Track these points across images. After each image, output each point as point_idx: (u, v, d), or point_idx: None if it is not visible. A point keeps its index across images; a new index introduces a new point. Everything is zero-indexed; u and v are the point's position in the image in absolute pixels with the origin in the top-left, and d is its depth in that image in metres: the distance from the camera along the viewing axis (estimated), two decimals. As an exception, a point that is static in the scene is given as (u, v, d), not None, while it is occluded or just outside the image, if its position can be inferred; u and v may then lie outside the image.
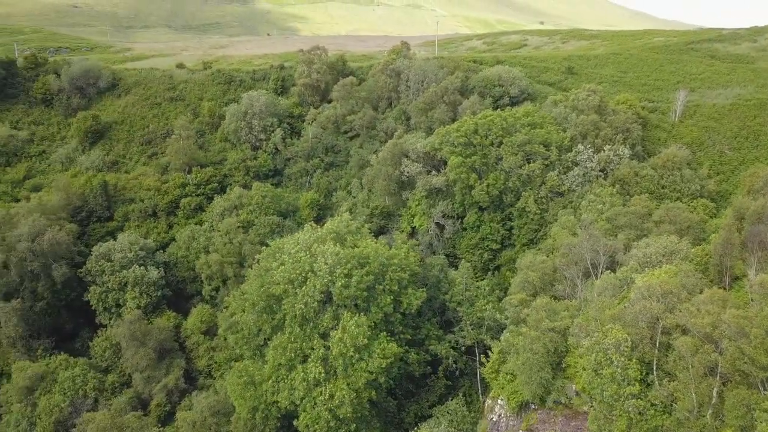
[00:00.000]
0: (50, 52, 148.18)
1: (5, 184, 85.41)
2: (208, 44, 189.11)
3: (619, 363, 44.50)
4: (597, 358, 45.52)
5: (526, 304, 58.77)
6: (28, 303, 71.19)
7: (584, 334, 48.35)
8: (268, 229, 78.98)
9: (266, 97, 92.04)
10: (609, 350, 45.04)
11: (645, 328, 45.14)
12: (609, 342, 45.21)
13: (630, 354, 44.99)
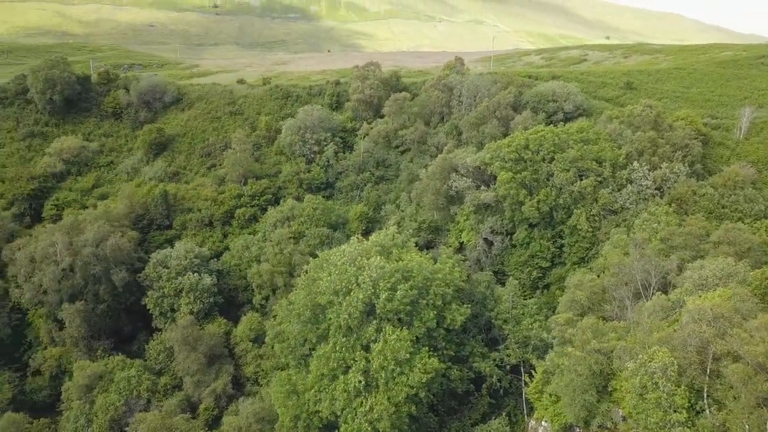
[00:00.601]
0: (124, 68, 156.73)
1: (76, 192, 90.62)
2: (271, 60, 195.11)
3: (665, 388, 42.74)
4: (642, 382, 43.88)
5: (573, 324, 57.35)
6: (90, 305, 74.91)
7: (629, 356, 46.72)
8: (317, 241, 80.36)
9: (320, 112, 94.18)
10: (655, 374, 43.34)
11: (694, 353, 43.21)
12: (655, 365, 43.51)
13: (677, 379, 43.13)
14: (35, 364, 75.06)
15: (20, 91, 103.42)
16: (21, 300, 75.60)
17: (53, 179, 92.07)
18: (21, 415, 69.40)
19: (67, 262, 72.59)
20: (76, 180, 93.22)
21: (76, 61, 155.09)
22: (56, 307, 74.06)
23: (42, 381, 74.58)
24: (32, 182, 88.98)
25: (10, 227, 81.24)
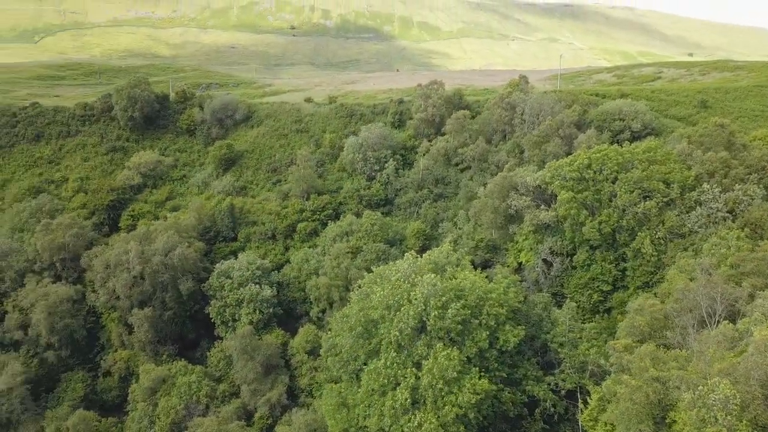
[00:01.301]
0: (202, 87, 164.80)
1: (150, 204, 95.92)
2: (341, 80, 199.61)
3: (725, 423, 40.25)
4: (700, 415, 41.51)
5: (631, 350, 55.14)
6: (158, 311, 78.73)
7: (687, 386, 44.34)
8: (374, 256, 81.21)
9: (382, 130, 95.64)
10: (714, 407, 40.92)
11: (758, 386, 40.53)
12: (715, 398, 41.08)
13: (740, 414, 40.54)
14: (106, 365, 79.46)
15: (106, 109, 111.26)
16: (96, 304, 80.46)
17: (131, 191, 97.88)
18: (91, 413, 73.55)
19: (138, 270, 76.76)
20: (151, 192, 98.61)
21: (160, 81, 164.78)
22: (127, 312, 78.30)
23: (112, 382, 78.79)
24: (112, 194, 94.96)
25: (90, 235, 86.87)
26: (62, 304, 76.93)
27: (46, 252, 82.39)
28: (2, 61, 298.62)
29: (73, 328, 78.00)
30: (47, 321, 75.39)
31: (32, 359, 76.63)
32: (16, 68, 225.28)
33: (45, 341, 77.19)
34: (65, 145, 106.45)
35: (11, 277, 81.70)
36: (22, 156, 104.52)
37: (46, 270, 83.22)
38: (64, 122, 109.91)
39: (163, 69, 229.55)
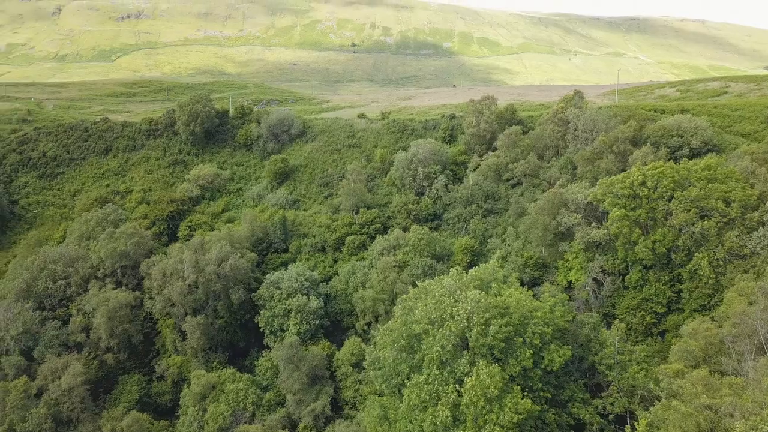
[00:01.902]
0: (262, 103, 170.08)
1: (207, 216, 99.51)
2: (397, 96, 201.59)
3: (778, 455, 38.03)
4: (751, 447, 39.38)
5: (682, 375, 52.91)
6: (210, 319, 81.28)
7: (740, 414, 42.15)
8: (420, 271, 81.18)
9: (431, 146, 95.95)
10: (767, 439, 38.75)
11: (815, 419, 38.11)
12: (767, 429, 38.93)
13: (795, 448, 38.22)
14: (160, 370, 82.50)
15: (169, 124, 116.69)
16: (153, 310, 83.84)
17: (189, 203, 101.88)
18: (145, 415, 76.38)
19: (192, 279, 79.61)
20: (208, 204, 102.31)
21: (223, 97, 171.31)
22: (181, 319, 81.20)
23: (165, 386, 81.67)
24: (171, 205, 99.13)
25: (150, 244, 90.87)
26: (121, 309, 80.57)
27: (109, 259, 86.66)
28: (82, 79, 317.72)
29: (131, 332, 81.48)
30: (107, 325, 79.14)
31: (93, 361, 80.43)
32: (93, 86, 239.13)
33: (105, 344, 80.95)
34: (131, 158, 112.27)
35: (77, 282, 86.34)
36: (92, 168, 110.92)
37: (108, 276, 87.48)
38: (130, 136, 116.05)
39: (228, 86, 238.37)
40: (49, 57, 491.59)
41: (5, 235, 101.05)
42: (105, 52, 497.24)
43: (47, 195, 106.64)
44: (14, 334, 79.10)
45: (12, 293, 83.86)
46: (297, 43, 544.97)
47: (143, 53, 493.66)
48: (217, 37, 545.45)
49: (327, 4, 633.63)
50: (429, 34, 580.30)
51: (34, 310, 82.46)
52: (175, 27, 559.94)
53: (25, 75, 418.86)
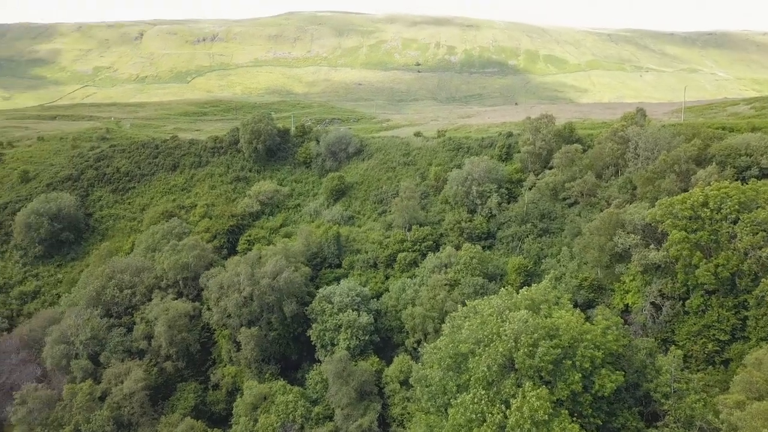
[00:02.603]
0: (325, 122, 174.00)
1: (265, 230, 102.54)
2: (457, 114, 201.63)
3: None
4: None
5: (743, 407, 50.09)
6: (263, 331, 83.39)
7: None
8: (471, 290, 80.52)
9: (486, 163, 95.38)
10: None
11: None
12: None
13: None
14: (215, 379, 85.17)
15: (233, 142, 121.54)
16: (210, 321, 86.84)
17: (249, 218, 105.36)
18: (200, 422, 78.91)
19: (247, 291, 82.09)
20: (267, 219, 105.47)
21: (288, 116, 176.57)
22: (236, 330, 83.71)
23: (220, 395, 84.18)
24: (232, 219, 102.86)
25: (210, 257, 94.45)
26: (180, 318, 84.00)
27: (172, 270, 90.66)
28: (160, 100, 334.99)
29: (189, 341, 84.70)
30: (167, 333, 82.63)
31: (153, 368, 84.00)
32: (168, 105, 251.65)
33: (165, 352, 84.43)
34: (196, 174, 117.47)
35: (141, 291, 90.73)
36: (160, 183, 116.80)
37: (170, 287, 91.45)
38: (197, 153, 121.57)
39: (293, 105, 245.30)
40: (131, 79, 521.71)
41: (80, 245, 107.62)
42: (181, 74, 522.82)
43: (119, 208, 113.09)
44: (83, 339, 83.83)
45: (83, 300, 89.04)
46: (362, 63, 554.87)
47: (216, 74, 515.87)
48: (285, 58, 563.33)
49: (393, 25, 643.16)
50: (494, 52, 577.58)
51: (102, 317, 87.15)
52: (247, 49, 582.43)
53: (109, 96, 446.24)
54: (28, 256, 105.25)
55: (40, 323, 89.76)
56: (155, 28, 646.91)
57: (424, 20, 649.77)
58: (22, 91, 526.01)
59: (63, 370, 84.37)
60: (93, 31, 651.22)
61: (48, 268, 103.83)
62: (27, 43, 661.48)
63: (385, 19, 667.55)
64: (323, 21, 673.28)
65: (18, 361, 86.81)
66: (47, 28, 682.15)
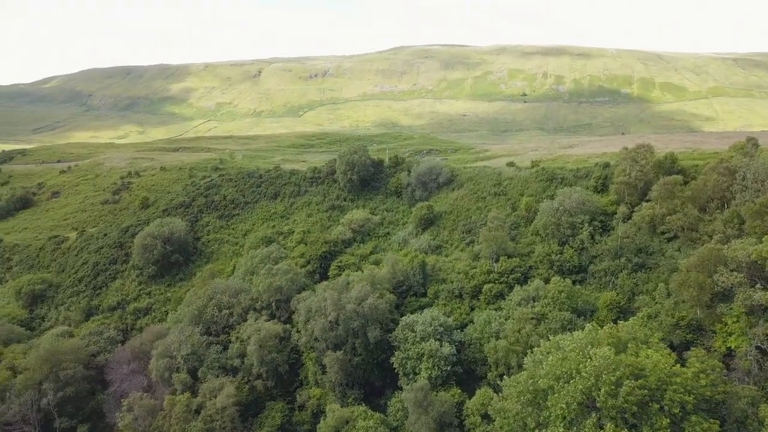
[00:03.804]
0: (422, 153, 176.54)
1: (356, 257, 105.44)
2: (558, 144, 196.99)
3: None
4: None
5: None
6: (348, 356, 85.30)
7: None
8: (558, 325, 77.88)
9: (579, 194, 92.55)
10: None
11: None
12: None
13: None
14: (301, 400, 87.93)
15: (330, 172, 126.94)
16: (299, 343, 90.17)
17: (341, 244, 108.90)
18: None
19: (333, 316, 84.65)
20: (358, 246, 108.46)
21: (389, 148, 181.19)
22: (322, 353, 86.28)
23: (305, 415, 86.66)
24: (325, 246, 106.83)
25: (303, 281, 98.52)
26: (271, 339, 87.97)
27: (266, 293, 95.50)
28: (273, 132, 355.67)
29: (278, 362, 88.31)
30: (258, 353, 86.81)
31: (245, 385, 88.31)
32: (278, 138, 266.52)
33: (256, 371, 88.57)
34: (295, 202, 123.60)
35: (238, 312, 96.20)
36: (262, 211, 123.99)
37: (264, 309, 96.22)
38: (296, 183, 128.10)
39: (395, 137, 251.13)
40: (248, 113, 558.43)
41: (188, 267, 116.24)
42: (294, 108, 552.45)
43: (224, 233, 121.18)
44: (184, 354, 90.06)
45: (186, 318, 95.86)
46: (467, 95, 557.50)
47: (326, 108, 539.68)
48: (392, 92, 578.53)
49: (499, 56, 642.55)
50: (605, 80, 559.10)
51: (201, 335, 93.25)
52: (356, 84, 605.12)
53: (228, 130, 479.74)
54: (143, 275, 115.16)
55: (149, 338, 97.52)
56: (272, 65, 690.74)
57: (531, 51, 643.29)
58: (154, 126, 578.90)
59: (166, 382, 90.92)
60: (217, 70, 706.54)
61: (159, 287, 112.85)
62: (161, 83, 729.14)
63: (491, 50, 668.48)
64: (430, 54, 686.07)
65: (128, 372, 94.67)
66: (178, 68, 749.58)
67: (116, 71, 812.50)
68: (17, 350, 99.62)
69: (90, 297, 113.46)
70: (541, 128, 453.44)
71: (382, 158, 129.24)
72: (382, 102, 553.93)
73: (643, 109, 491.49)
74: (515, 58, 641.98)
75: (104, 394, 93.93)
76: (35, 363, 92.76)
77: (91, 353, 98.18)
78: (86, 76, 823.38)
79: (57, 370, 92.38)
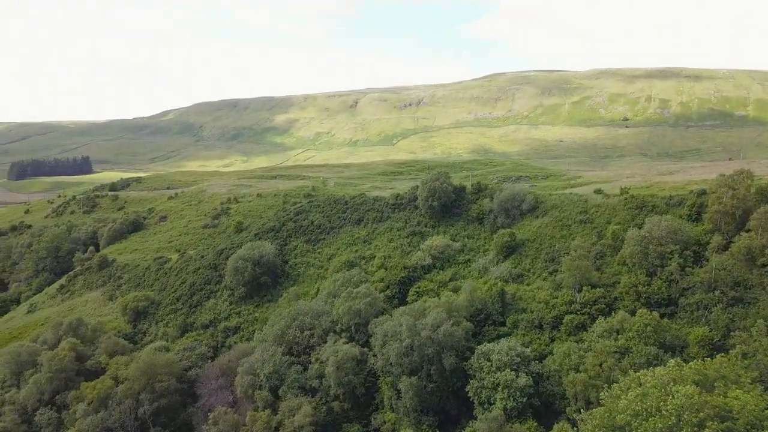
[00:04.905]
0: (511, 180, 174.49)
1: (434, 283, 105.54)
2: (657, 171, 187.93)
3: None
4: None
5: None
6: (423, 382, 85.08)
7: None
8: (643, 360, 73.79)
9: (669, 223, 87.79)
10: None
11: None
12: None
13: None
14: (376, 424, 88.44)
15: (412, 199, 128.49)
16: (375, 366, 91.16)
17: (421, 270, 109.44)
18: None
19: (407, 342, 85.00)
20: (438, 273, 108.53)
21: (476, 174, 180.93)
22: (397, 378, 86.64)
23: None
24: (404, 271, 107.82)
25: (381, 306, 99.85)
26: (348, 362, 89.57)
27: (346, 316, 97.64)
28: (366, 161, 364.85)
29: (355, 384, 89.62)
30: (335, 374, 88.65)
31: (323, 406, 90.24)
32: (369, 166, 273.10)
33: (333, 392, 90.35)
34: (377, 228, 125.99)
35: (319, 333, 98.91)
36: (346, 236, 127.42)
37: (344, 331, 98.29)
38: (379, 209, 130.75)
39: (485, 164, 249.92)
40: (344, 143, 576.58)
41: (276, 289, 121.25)
42: (388, 137, 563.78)
43: (310, 257, 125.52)
44: (266, 373, 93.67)
45: (270, 338, 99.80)
46: (564, 120, 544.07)
47: (419, 136, 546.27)
48: (486, 119, 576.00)
49: (598, 80, 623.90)
50: (716, 103, 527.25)
51: (283, 354, 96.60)
52: (449, 111, 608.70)
53: (325, 158, 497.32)
54: (234, 296, 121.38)
55: (236, 355, 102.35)
56: (367, 96, 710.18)
57: (634, 74, 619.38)
58: (257, 155, 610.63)
59: (249, 398, 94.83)
60: (317, 101, 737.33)
61: (248, 307, 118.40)
62: (265, 114, 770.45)
63: (590, 74, 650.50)
64: (526, 81, 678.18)
65: (216, 387, 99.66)
66: (281, 100, 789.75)
67: (224, 104, 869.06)
68: (120, 362, 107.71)
69: (186, 315, 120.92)
70: (644, 154, 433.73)
71: (465, 185, 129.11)
72: (475, 129, 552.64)
73: (761, 133, 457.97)
74: (616, 82, 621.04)
75: (194, 407, 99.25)
76: (135, 374, 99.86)
77: (183, 368, 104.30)
78: (198, 109, 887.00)
79: (153, 381, 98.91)
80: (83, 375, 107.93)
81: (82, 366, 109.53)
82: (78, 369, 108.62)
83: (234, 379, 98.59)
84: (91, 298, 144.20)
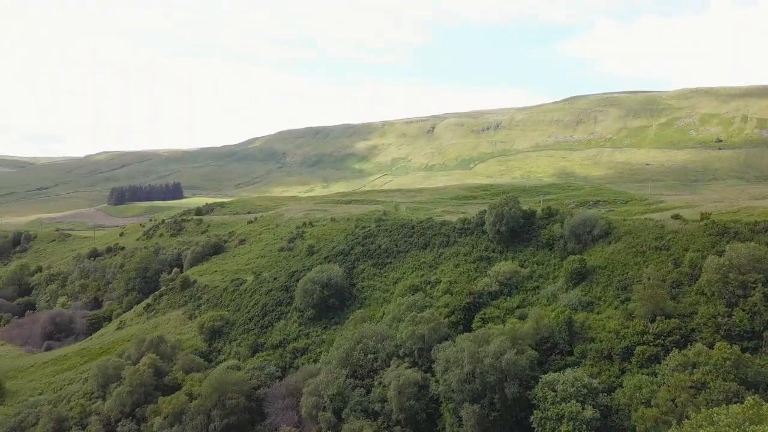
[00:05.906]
0: (588, 204, 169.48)
1: (501, 310, 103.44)
2: (748, 194, 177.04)
3: None
4: None
5: None
6: (485, 410, 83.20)
7: None
8: (721, 396, 68.89)
9: (751, 250, 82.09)
10: None
11: None
12: None
13: None
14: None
15: (479, 223, 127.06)
16: (437, 392, 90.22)
17: (487, 297, 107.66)
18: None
19: (469, 369, 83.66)
20: (504, 299, 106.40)
21: (553, 199, 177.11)
22: (459, 405, 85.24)
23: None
24: (470, 297, 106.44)
25: (445, 331, 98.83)
26: (410, 386, 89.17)
27: (409, 340, 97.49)
28: (442, 185, 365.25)
29: (416, 409, 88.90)
30: (397, 399, 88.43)
31: (384, 430, 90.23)
32: (443, 190, 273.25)
33: (395, 417, 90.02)
34: (444, 252, 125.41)
35: (382, 357, 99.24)
36: (412, 260, 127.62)
37: (407, 356, 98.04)
38: (445, 234, 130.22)
39: (563, 188, 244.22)
40: (421, 167, 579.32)
41: (343, 311, 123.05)
42: (465, 161, 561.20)
43: (376, 281, 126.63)
44: (330, 394, 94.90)
45: (335, 360, 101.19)
46: (651, 143, 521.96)
47: (497, 160, 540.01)
48: (567, 142, 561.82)
49: (688, 100, 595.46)
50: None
51: (347, 377, 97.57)
52: (528, 135, 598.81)
53: (401, 183, 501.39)
54: (303, 317, 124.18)
55: (303, 376, 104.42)
56: (445, 121, 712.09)
57: (727, 93, 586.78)
58: (336, 180, 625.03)
59: (313, 419, 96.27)
60: (394, 127, 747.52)
61: (316, 329, 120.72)
62: (345, 141, 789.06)
63: (679, 95, 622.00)
64: (610, 102, 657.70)
65: (283, 406, 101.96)
66: (360, 127, 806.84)
67: (307, 132, 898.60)
68: (195, 378, 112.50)
69: (257, 335, 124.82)
70: (739, 177, 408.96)
71: (534, 209, 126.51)
72: (556, 152, 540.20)
73: None
74: (708, 102, 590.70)
75: (261, 425, 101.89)
76: (207, 391, 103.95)
77: (253, 386, 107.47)
78: (282, 136, 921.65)
79: (224, 399, 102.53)
80: (161, 390, 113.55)
81: (161, 381, 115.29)
82: (156, 384, 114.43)
83: (300, 399, 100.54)
84: (173, 317, 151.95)
